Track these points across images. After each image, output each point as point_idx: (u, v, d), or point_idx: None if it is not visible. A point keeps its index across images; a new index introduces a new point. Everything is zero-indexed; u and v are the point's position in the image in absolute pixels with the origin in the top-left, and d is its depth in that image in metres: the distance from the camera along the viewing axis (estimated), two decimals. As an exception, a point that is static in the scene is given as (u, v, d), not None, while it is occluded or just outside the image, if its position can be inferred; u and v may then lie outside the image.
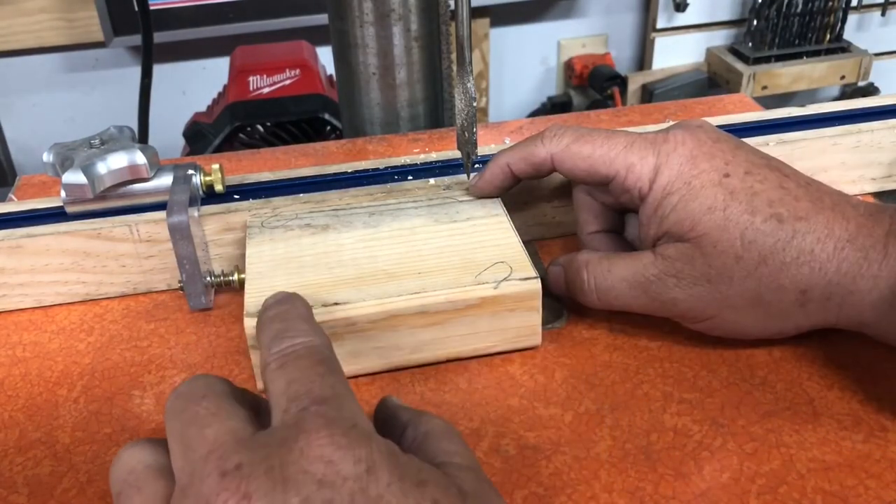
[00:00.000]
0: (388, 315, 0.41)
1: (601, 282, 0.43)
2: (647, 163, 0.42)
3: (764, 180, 0.40)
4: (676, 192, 0.40)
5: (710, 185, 0.40)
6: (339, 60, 0.67)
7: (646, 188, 0.42)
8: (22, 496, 0.37)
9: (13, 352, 0.46)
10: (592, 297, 0.43)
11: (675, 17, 1.97)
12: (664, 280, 0.40)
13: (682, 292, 0.40)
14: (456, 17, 0.45)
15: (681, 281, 0.40)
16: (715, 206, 0.39)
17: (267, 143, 1.24)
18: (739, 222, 0.39)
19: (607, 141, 0.43)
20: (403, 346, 0.42)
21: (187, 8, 1.65)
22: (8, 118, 1.73)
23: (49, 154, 0.48)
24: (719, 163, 0.41)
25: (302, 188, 0.51)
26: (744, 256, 0.38)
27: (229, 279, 0.49)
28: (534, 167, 0.46)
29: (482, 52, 1.94)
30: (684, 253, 0.40)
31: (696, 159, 0.41)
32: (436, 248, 0.45)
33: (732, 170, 0.40)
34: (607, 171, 0.43)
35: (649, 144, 0.42)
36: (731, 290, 0.39)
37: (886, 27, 2.08)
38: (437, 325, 0.42)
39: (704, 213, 0.39)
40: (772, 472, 0.36)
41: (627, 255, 0.42)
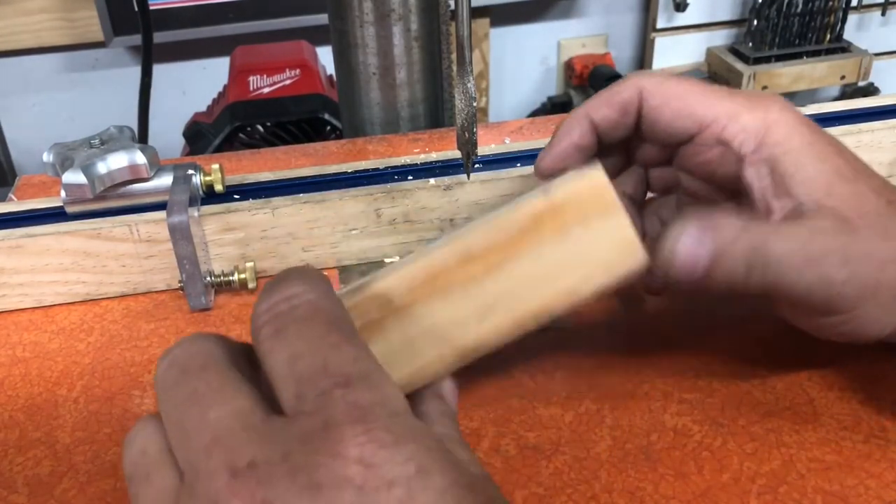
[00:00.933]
0: (429, 275, 0.31)
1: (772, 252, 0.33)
2: (756, 115, 0.36)
3: (867, 167, 0.36)
4: (799, 150, 0.35)
5: (832, 153, 0.35)
6: (339, 60, 0.67)
7: (751, 143, 0.36)
8: (22, 496, 0.37)
9: (13, 352, 0.46)
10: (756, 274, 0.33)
11: (675, 17, 1.97)
12: (833, 254, 0.33)
13: (847, 272, 0.33)
14: (456, 17, 0.45)
15: (849, 260, 0.33)
16: (846, 175, 0.34)
17: (267, 143, 1.24)
18: (871, 199, 0.34)
19: (707, 86, 0.37)
20: (465, 318, 0.31)
21: (187, 8, 1.65)
22: (8, 118, 1.73)
23: (49, 154, 0.48)
24: (829, 136, 0.36)
25: (302, 188, 0.51)
26: (889, 236, 0.33)
27: (229, 279, 0.49)
28: (619, 108, 0.38)
29: (482, 52, 1.94)
30: (840, 223, 0.33)
31: (807, 124, 0.36)
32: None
33: (842, 147, 0.36)
34: (704, 113, 0.36)
35: (752, 98, 0.37)
36: (882, 277, 0.33)
37: (886, 27, 2.08)
38: (494, 272, 0.31)
39: (839, 180, 0.34)
40: (772, 472, 0.36)
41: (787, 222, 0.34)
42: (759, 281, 0.33)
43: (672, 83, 0.37)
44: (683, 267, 0.33)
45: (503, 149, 0.54)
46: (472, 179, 0.50)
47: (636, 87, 0.38)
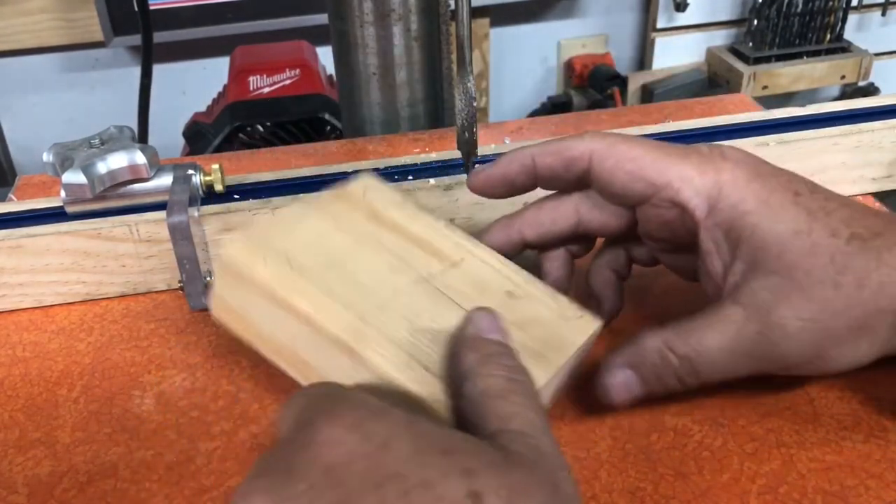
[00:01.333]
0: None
1: (697, 361, 0.36)
2: (707, 178, 0.37)
3: (830, 198, 0.37)
4: (753, 213, 0.36)
5: (788, 204, 0.36)
6: (339, 60, 0.67)
7: (703, 206, 0.37)
8: (22, 496, 0.37)
9: (13, 352, 0.46)
10: (690, 381, 0.36)
11: (675, 17, 1.97)
12: (768, 335, 0.35)
13: (790, 343, 0.35)
14: (456, 17, 0.45)
15: (787, 331, 0.34)
16: (800, 229, 0.35)
17: (267, 143, 1.24)
18: (827, 245, 0.35)
19: (657, 148, 0.38)
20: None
21: (187, 8, 1.65)
22: (8, 118, 1.73)
23: (49, 154, 0.48)
24: (784, 181, 0.37)
25: (302, 188, 0.51)
26: (841, 283, 0.34)
27: (229, 279, 0.48)
28: (564, 163, 0.39)
29: (482, 52, 1.94)
30: (779, 291, 0.35)
31: (763, 177, 0.37)
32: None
33: (799, 188, 0.36)
34: (657, 178, 0.37)
35: (703, 158, 0.37)
36: (836, 325, 0.34)
37: (886, 27, 2.08)
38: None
39: (792, 238, 0.35)
40: (772, 472, 0.36)
41: (710, 318, 0.36)
42: (697, 381, 0.36)
43: (624, 146, 0.38)
44: (619, 397, 0.37)
45: (503, 149, 0.54)
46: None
47: (588, 149, 0.38)
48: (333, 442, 0.25)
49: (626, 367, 0.37)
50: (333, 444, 0.25)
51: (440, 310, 0.35)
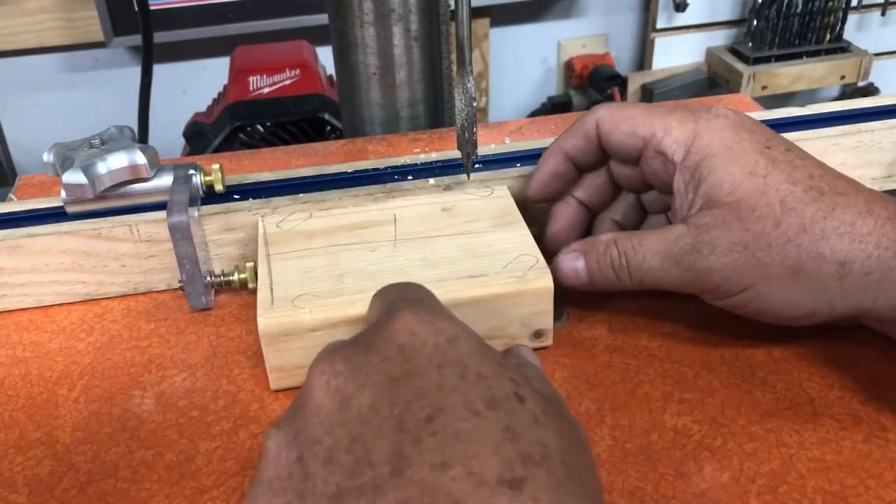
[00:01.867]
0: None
1: (632, 258, 0.40)
2: (686, 127, 0.41)
3: (804, 157, 0.40)
4: (717, 155, 0.40)
5: (751, 151, 0.39)
6: (339, 60, 0.67)
7: (681, 152, 0.41)
8: (22, 496, 0.37)
9: (13, 352, 0.46)
10: (624, 276, 0.41)
11: (675, 17, 1.97)
12: (699, 248, 0.39)
13: (717, 260, 0.38)
14: (456, 17, 0.45)
15: (716, 248, 0.38)
16: (756, 171, 0.39)
17: (267, 143, 1.24)
18: (780, 189, 0.38)
19: (653, 107, 0.43)
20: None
21: (187, 8, 1.65)
22: (8, 118, 1.73)
23: (49, 154, 0.48)
24: (760, 137, 0.40)
25: (302, 188, 0.51)
26: (784, 222, 0.37)
27: (229, 279, 0.49)
28: (583, 136, 0.44)
29: (482, 52, 1.94)
30: (721, 218, 0.39)
31: (737, 128, 0.40)
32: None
33: (773, 144, 0.40)
34: (645, 130, 0.42)
35: (690, 113, 0.42)
36: (769, 258, 0.37)
37: (886, 27, 2.08)
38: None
39: (745, 177, 0.39)
40: (772, 472, 0.36)
41: (658, 229, 0.41)
42: (632, 281, 0.41)
43: (621, 109, 0.44)
44: (567, 279, 0.43)
45: (503, 149, 0.54)
46: (472, 179, 0.50)
47: (594, 117, 0.44)
48: (409, 330, 0.30)
49: (576, 252, 0.43)
50: (408, 331, 0.30)
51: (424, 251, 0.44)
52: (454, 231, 0.46)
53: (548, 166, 0.46)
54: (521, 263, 0.43)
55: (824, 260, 0.37)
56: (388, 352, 0.30)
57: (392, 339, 0.30)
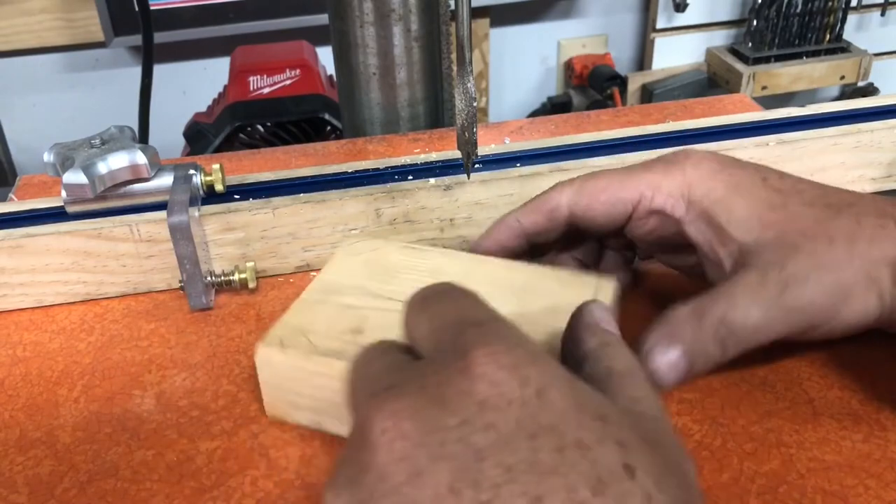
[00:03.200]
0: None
1: (733, 321, 0.35)
2: (675, 179, 0.39)
3: (799, 181, 0.39)
4: (726, 198, 0.38)
5: (756, 187, 0.38)
6: (339, 60, 0.67)
7: (681, 205, 0.39)
8: (22, 496, 0.37)
9: (13, 351, 0.46)
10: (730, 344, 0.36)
11: (675, 17, 1.97)
12: (791, 284, 0.35)
13: (812, 290, 0.35)
14: (456, 17, 0.45)
15: (807, 280, 0.35)
16: (773, 203, 0.37)
17: (267, 143, 1.24)
18: (805, 213, 0.37)
19: (621, 170, 0.41)
20: None
21: (188, 8, 1.65)
22: (8, 118, 1.73)
23: (49, 154, 0.48)
24: (751, 171, 0.39)
25: (302, 188, 0.51)
26: (835, 238, 0.36)
27: (229, 279, 0.49)
28: (546, 215, 0.42)
29: (482, 52, 1.94)
30: (782, 251, 0.36)
31: (726, 168, 0.39)
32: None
33: (766, 174, 0.39)
34: (629, 195, 0.40)
35: (669, 164, 0.40)
36: (845, 274, 0.35)
37: (886, 27, 2.08)
38: None
39: (768, 209, 0.37)
40: (772, 472, 0.36)
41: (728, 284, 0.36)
42: (739, 349, 0.36)
43: (592, 182, 0.41)
44: (668, 376, 0.35)
45: (503, 149, 0.54)
46: (472, 179, 0.50)
47: (560, 197, 0.42)
48: (489, 380, 0.24)
49: (665, 344, 0.35)
50: (489, 381, 0.24)
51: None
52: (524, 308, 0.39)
53: (499, 237, 0.43)
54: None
55: (878, 263, 0.36)
56: (467, 412, 0.24)
57: (470, 392, 0.24)
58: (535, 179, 0.51)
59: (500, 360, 0.25)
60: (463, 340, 0.26)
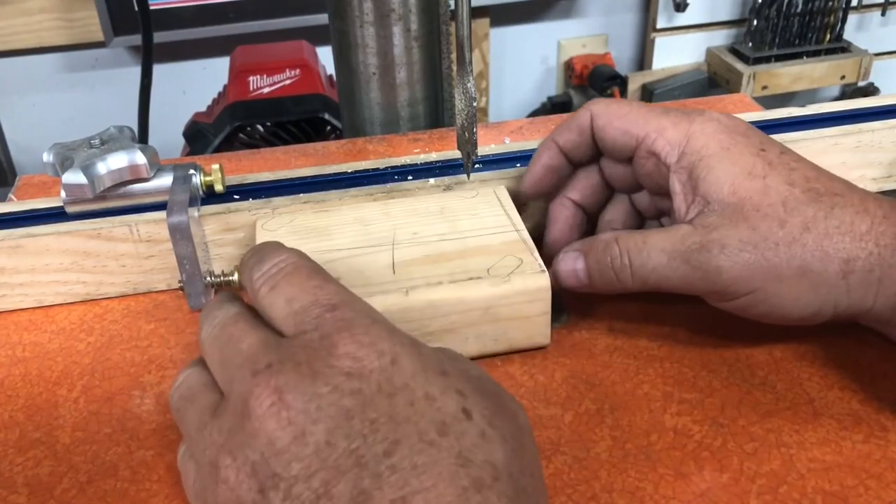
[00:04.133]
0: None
1: (636, 256, 0.40)
2: (680, 128, 0.41)
3: (799, 160, 0.40)
4: (714, 156, 0.40)
5: (747, 153, 0.40)
6: (339, 60, 0.67)
7: (675, 153, 0.41)
8: (22, 496, 0.37)
9: (13, 352, 0.46)
10: (626, 275, 0.40)
11: (675, 17, 1.97)
12: (708, 246, 0.38)
13: (727, 259, 0.38)
14: (456, 17, 0.45)
15: (725, 247, 0.38)
16: (754, 172, 0.39)
17: (267, 143, 1.24)
18: (780, 190, 0.38)
19: (645, 107, 0.43)
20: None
21: (187, 8, 1.65)
22: (8, 118, 1.73)
23: (49, 154, 0.48)
24: (755, 139, 0.41)
25: (302, 188, 0.51)
26: (788, 221, 0.38)
27: (229, 279, 0.48)
28: (577, 130, 0.45)
29: (482, 52, 1.94)
30: (727, 218, 0.38)
31: (731, 131, 0.41)
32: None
33: (768, 147, 0.40)
34: (638, 130, 0.42)
35: (684, 115, 0.42)
36: (777, 258, 0.37)
37: (886, 27, 2.08)
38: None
39: (744, 178, 0.39)
40: (772, 472, 0.36)
41: (662, 229, 0.40)
42: (634, 282, 0.40)
43: (616, 105, 0.44)
44: (567, 280, 0.42)
45: (503, 149, 0.54)
46: (472, 179, 0.50)
47: (588, 111, 0.44)
48: (352, 356, 0.29)
49: (576, 252, 0.42)
50: (352, 357, 0.29)
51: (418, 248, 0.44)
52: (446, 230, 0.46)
53: (542, 159, 0.46)
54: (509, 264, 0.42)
55: (829, 258, 0.37)
56: (336, 380, 0.29)
57: (337, 366, 0.29)
58: (534, 179, 0.51)
59: (359, 340, 0.30)
60: (324, 325, 0.30)
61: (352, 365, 0.29)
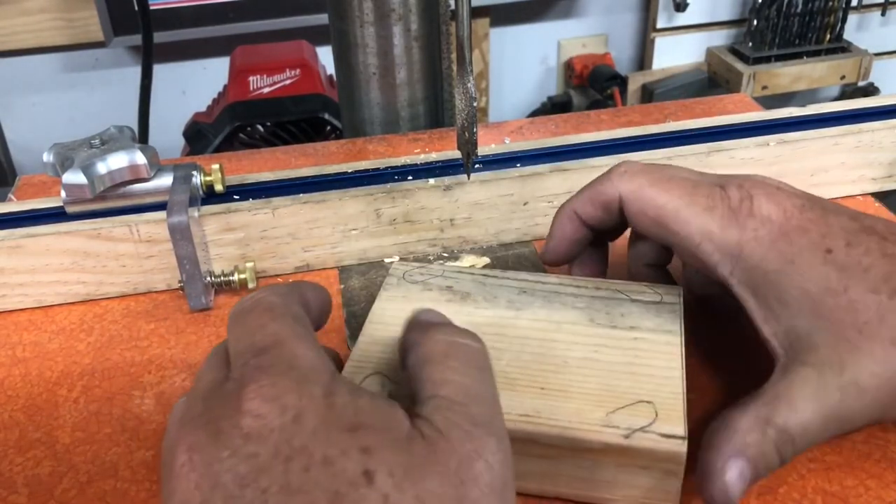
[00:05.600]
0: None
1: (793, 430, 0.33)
2: (730, 235, 0.37)
3: (868, 252, 0.35)
4: (779, 272, 0.35)
5: (816, 264, 0.35)
6: (339, 60, 0.67)
7: (726, 264, 0.37)
8: (22, 496, 0.37)
9: (13, 352, 0.46)
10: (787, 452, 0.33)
11: (675, 17, 1.97)
12: (849, 391, 0.33)
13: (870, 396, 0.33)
14: (456, 17, 0.45)
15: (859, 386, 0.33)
16: (833, 287, 0.34)
17: (267, 143, 1.24)
18: (869, 302, 0.34)
19: (686, 195, 0.38)
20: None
21: (187, 8, 1.65)
22: (8, 118, 1.73)
23: (49, 154, 0.48)
24: (815, 237, 0.36)
25: (302, 188, 0.51)
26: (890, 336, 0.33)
27: (229, 279, 0.49)
28: (602, 207, 0.41)
29: (482, 52, 1.94)
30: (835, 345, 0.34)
31: (788, 235, 0.36)
32: (576, 358, 0.37)
33: (832, 243, 0.35)
34: (679, 229, 0.38)
35: (731, 213, 0.37)
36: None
37: (886, 27, 2.08)
38: (547, 459, 0.34)
39: (825, 296, 0.34)
40: (772, 472, 0.36)
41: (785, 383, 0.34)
42: (797, 454, 0.34)
43: (651, 191, 0.39)
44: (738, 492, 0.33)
45: (503, 149, 0.54)
46: (472, 179, 0.50)
47: (616, 190, 0.40)
48: (255, 413, 0.26)
49: (734, 458, 0.33)
50: (254, 415, 0.26)
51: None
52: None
53: (564, 232, 0.43)
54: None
55: None
56: (235, 443, 0.26)
57: (239, 426, 0.26)
58: (535, 179, 0.51)
59: (264, 394, 0.27)
60: (241, 373, 0.28)
61: (252, 424, 0.26)
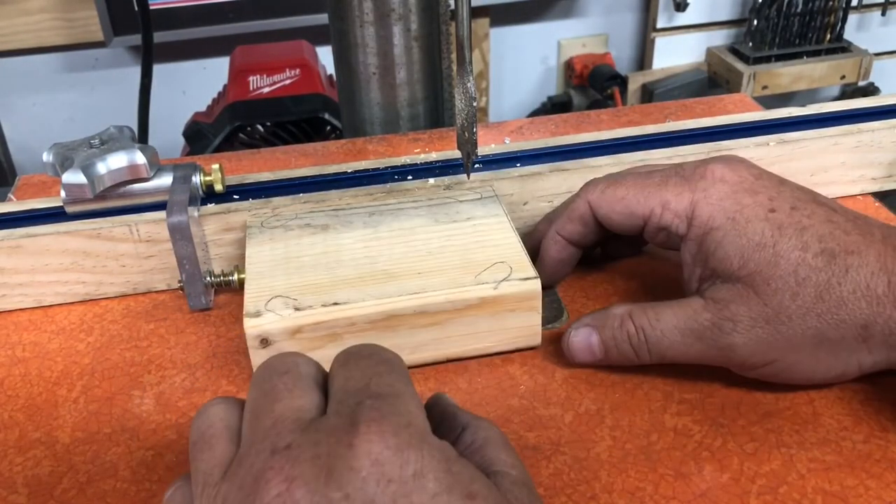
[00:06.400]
0: (388, 315, 0.41)
1: (651, 332, 0.40)
2: (683, 199, 0.41)
3: (811, 215, 0.38)
4: (720, 228, 0.39)
5: (755, 219, 0.39)
6: (339, 60, 0.67)
7: (683, 225, 0.41)
8: (22, 496, 0.37)
9: (13, 352, 0.46)
10: (643, 352, 0.40)
11: (675, 17, 1.97)
12: (720, 325, 0.38)
13: (740, 337, 0.38)
14: (456, 17, 0.45)
15: (738, 325, 0.38)
16: (764, 242, 0.38)
17: (267, 143, 1.24)
18: (791, 259, 0.37)
19: (640, 180, 0.43)
20: (403, 346, 0.42)
21: (187, 8, 1.65)
22: (8, 118, 1.73)
23: (49, 154, 0.48)
24: (763, 198, 0.39)
25: (302, 188, 0.51)
26: (800, 293, 0.37)
27: (229, 279, 0.49)
28: (579, 221, 0.45)
29: (482, 52, 1.94)
30: (738, 294, 0.38)
31: (737, 194, 0.40)
32: (436, 247, 0.45)
33: (778, 205, 0.39)
34: (642, 210, 0.42)
35: (684, 181, 0.41)
36: (791, 331, 0.37)
37: (886, 27, 2.08)
38: (436, 326, 0.42)
39: (754, 250, 0.38)
40: (772, 472, 0.36)
41: (674, 303, 0.40)
42: (652, 358, 0.40)
43: (611, 189, 0.43)
44: (580, 355, 0.42)
45: (503, 149, 0.54)
46: (472, 179, 0.50)
47: (585, 201, 0.44)
48: (374, 458, 0.26)
49: (589, 327, 0.41)
50: (373, 460, 0.26)
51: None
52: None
53: (550, 254, 0.46)
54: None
55: (845, 325, 0.36)
56: (350, 487, 0.26)
57: (355, 467, 0.26)
58: (535, 179, 0.51)
59: (386, 440, 0.27)
60: (358, 411, 0.28)
61: (370, 469, 0.26)
